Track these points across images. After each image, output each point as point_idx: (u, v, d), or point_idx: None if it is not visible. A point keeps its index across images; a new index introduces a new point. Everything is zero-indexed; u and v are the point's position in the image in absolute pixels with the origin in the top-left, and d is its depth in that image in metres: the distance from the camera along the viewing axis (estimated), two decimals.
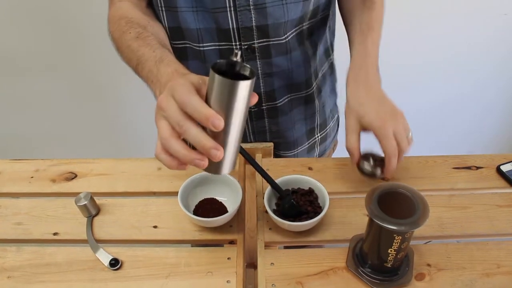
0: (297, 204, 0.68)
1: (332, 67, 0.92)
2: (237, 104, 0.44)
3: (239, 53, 0.45)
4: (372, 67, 0.71)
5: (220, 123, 0.43)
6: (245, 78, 0.45)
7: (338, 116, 1.02)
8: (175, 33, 0.74)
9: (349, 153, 0.70)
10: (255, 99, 0.47)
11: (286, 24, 0.72)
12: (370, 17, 0.75)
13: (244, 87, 0.44)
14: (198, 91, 0.47)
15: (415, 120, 1.70)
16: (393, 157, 0.65)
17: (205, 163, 0.46)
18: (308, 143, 0.92)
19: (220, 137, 0.46)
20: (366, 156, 0.71)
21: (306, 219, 0.65)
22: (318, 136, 0.94)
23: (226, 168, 0.48)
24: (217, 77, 0.43)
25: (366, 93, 0.69)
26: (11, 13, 1.37)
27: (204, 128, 0.46)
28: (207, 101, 0.46)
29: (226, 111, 0.45)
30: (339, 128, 1.03)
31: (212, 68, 0.44)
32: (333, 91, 0.95)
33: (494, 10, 1.42)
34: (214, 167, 0.48)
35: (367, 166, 0.70)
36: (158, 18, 0.75)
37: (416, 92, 1.64)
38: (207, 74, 0.50)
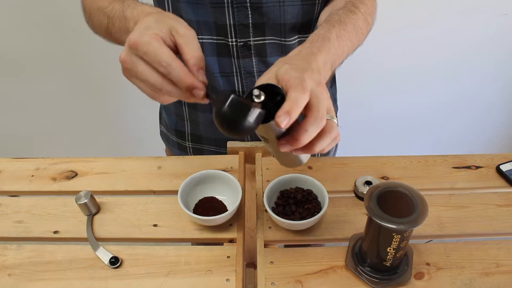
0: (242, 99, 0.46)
1: (333, 78, 0.92)
2: (279, 132, 0.47)
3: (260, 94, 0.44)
4: (322, 52, 0.53)
5: (200, 93, 0.44)
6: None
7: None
8: None
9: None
10: None
11: (284, 26, 0.72)
12: (347, 15, 0.63)
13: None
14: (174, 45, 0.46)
15: (415, 119, 1.73)
16: (294, 110, 0.43)
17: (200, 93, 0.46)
18: None
19: (282, 152, 0.48)
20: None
21: (306, 218, 0.66)
22: None
23: (302, 161, 0.54)
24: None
25: (299, 59, 0.52)
26: (11, 13, 1.37)
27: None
28: None
29: None
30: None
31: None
32: (334, 102, 0.95)
33: (494, 10, 1.42)
34: (292, 165, 0.53)
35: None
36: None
37: (416, 92, 1.64)
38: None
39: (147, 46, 0.44)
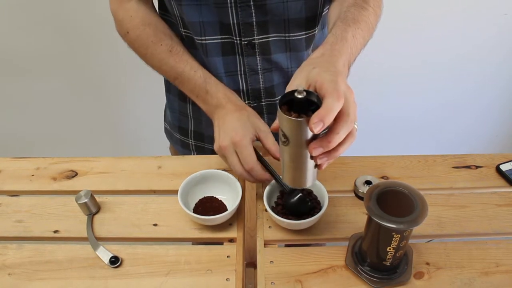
0: (307, 199, 0.68)
1: None
2: (306, 135, 0.48)
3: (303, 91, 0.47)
4: (343, 55, 0.56)
5: (267, 182, 0.69)
6: (312, 103, 0.48)
7: None
8: (184, 24, 0.75)
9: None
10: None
11: (288, 22, 0.72)
12: (359, 13, 0.64)
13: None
14: (257, 138, 0.68)
15: (415, 119, 1.73)
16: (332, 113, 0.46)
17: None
18: None
19: (298, 159, 0.52)
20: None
21: (306, 217, 0.66)
22: None
23: (309, 181, 0.56)
24: (285, 117, 0.47)
25: (325, 61, 0.55)
26: (11, 13, 1.37)
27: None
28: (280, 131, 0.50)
29: (299, 142, 0.49)
30: None
31: (280, 103, 0.48)
32: None
33: (494, 10, 1.42)
34: (299, 181, 0.56)
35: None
36: (169, 11, 0.77)
37: (416, 92, 1.64)
38: (208, 66, 0.53)
39: (244, 149, 0.66)
